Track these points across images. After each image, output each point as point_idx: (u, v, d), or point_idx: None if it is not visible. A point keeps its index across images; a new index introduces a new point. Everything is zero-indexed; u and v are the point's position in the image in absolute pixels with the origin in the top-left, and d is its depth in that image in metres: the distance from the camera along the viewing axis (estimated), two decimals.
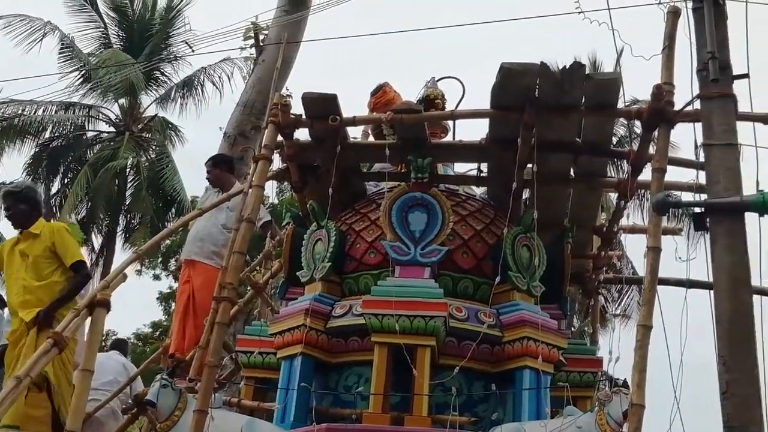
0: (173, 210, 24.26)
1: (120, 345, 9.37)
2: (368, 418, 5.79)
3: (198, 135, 43.62)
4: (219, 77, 24.45)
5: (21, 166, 25.06)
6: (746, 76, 5.52)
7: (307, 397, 6.03)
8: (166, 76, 25.47)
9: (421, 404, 5.76)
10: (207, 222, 7.98)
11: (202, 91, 24.91)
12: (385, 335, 5.88)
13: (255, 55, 13.88)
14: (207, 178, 8.53)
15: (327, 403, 6.23)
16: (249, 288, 8.09)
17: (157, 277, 25.55)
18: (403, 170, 6.90)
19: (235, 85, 23.54)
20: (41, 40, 23.81)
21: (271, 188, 7.68)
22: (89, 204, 23.22)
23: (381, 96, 7.72)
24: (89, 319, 5.31)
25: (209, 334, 5.84)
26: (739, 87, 5.53)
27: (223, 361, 7.20)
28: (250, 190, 6.34)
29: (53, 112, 24.64)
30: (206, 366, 5.49)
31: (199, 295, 7.81)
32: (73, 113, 25.03)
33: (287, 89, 9.65)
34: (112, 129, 25.30)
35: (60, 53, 24.20)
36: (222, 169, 8.52)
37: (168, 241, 22.24)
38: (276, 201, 19.66)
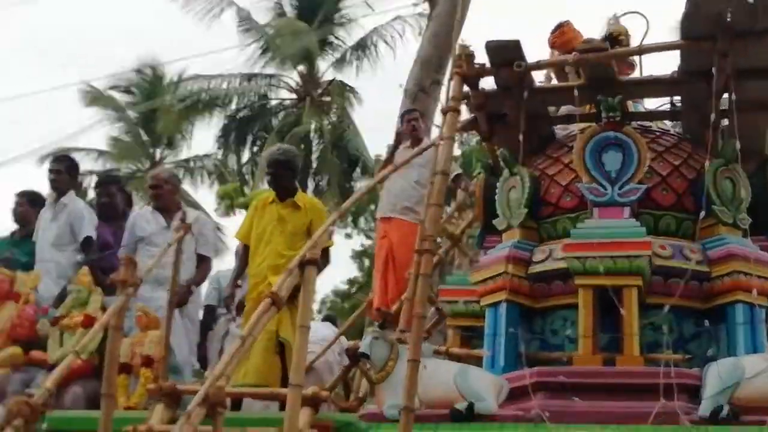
0: (358, 170, 24.76)
1: (331, 318, 9.88)
2: (579, 360, 5.80)
3: (375, 95, 44.04)
4: (391, 36, 24.73)
5: (212, 139, 26.13)
6: None
7: (515, 343, 6.08)
8: (340, 40, 25.96)
9: (632, 344, 5.72)
10: (400, 178, 8.10)
11: (376, 51, 25.25)
12: (589, 277, 5.85)
13: (428, 11, 13.93)
14: (402, 131, 8.56)
15: (534, 348, 6.24)
16: (445, 239, 8.17)
17: (348, 236, 26.14)
18: (591, 111, 6.81)
19: (407, 42, 23.75)
20: (219, 15, 24.67)
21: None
22: None
23: (560, 35, 7.61)
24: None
25: (414, 286, 5.95)
26: None
27: (429, 311, 7.33)
28: (441, 142, 6.39)
29: (237, 84, 25.51)
30: (415, 317, 5.60)
31: (398, 250, 7.97)
32: (256, 83, 25.83)
33: (463, 40, 9.61)
34: (293, 96, 25.97)
35: (238, 26, 24.98)
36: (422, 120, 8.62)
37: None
38: (458, 152, 19.75)
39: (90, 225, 8.06)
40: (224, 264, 20.16)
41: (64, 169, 8.36)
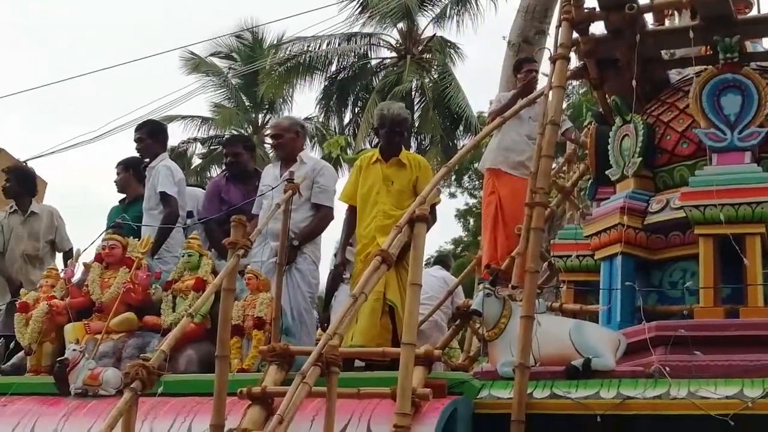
0: (461, 127, 24.57)
1: (443, 260, 9.72)
2: (700, 313, 5.62)
3: (477, 50, 43.68)
4: None
5: (313, 101, 26.22)
6: None
7: (632, 297, 5.93)
8: None
9: (756, 294, 5.51)
10: (510, 131, 7.93)
11: (477, 4, 24.91)
12: (709, 227, 5.67)
13: None
14: (526, 77, 8.36)
15: (652, 301, 6.08)
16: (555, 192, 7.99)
17: (452, 195, 26.03)
18: (708, 53, 6.53)
19: None
20: None
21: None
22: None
23: None
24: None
25: (526, 240, 5.81)
26: None
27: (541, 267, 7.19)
28: (551, 92, 6.20)
29: (336, 45, 25.51)
30: (527, 272, 5.48)
31: (507, 205, 7.82)
32: (355, 43, 25.79)
33: None
34: (393, 54, 25.87)
35: None
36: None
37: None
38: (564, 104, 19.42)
39: (167, 181, 7.91)
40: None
41: (145, 135, 8.22)
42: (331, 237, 7.84)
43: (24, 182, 8.79)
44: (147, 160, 8.24)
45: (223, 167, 8.84)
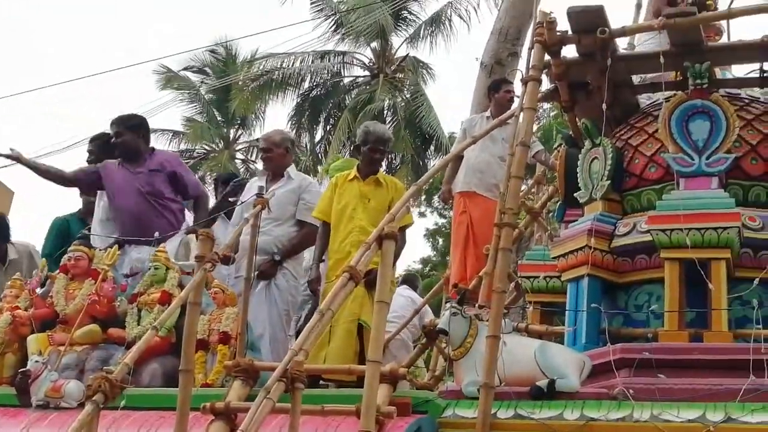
0: (432, 147, 24.67)
1: (410, 280, 9.69)
2: (664, 336, 5.63)
3: (448, 70, 43.86)
4: (465, 10, 24.57)
5: (286, 117, 26.25)
6: None
7: (598, 319, 5.91)
8: (413, 14, 25.87)
9: (720, 319, 5.53)
10: (483, 152, 7.95)
11: (450, 25, 25.10)
12: (675, 251, 5.67)
13: None
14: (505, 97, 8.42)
15: (617, 324, 6.09)
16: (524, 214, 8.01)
17: (422, 215, 26.07)
18: (678, 78, 6.58)
19: (482, 16, 23.56)
20: None
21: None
22: (352, 148, 23.92)
23: None
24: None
25: (494, 260, 5.81)
26: None
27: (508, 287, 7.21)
28: (521, 113, 6.23)
29: (310, 62, 25.58)
30: (494, 292, 5.48)
31: (478, 227, 7.85)
32: (329, 61, 25.87)
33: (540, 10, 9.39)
34: (366, 73, 25.97)
35: (312, 3, 25.00)
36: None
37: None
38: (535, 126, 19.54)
39: None
40: None
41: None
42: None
43: None
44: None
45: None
